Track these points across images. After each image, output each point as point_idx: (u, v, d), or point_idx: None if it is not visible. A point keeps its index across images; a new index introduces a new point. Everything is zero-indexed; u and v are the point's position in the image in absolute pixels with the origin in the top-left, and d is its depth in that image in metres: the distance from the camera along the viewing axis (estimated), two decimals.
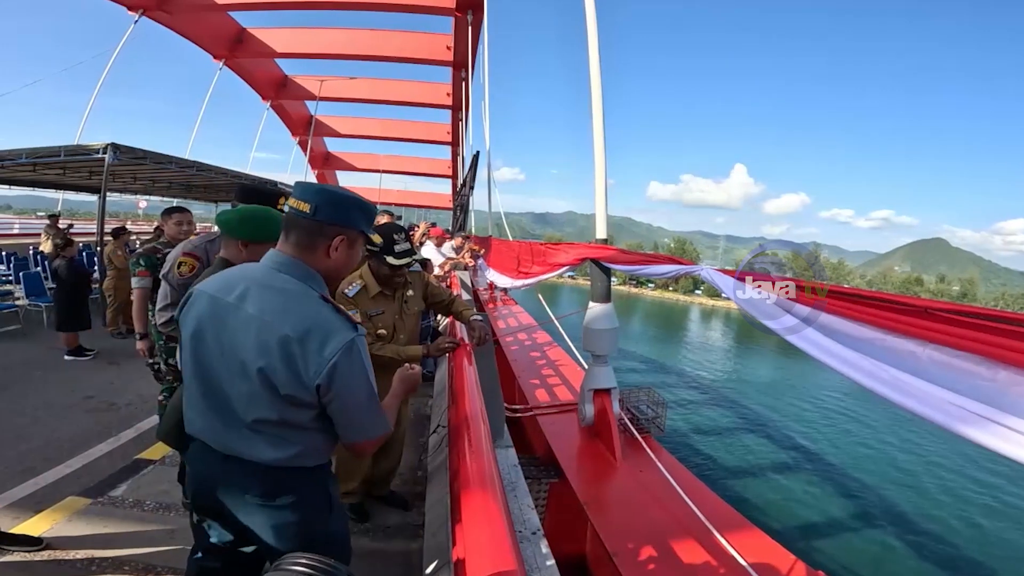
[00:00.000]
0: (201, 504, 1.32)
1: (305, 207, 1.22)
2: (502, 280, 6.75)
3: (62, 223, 11.29)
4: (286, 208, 1.28)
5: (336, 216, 1.24)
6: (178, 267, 2.34)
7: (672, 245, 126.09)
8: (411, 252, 2.49)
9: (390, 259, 2.40)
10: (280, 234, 1.81)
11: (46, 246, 9.67)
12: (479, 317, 2.75)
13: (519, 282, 5.88)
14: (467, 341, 2.72)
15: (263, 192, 2.44)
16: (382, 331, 2.48)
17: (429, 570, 2.18)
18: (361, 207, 1.29)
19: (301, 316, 1.16)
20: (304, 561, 0.84)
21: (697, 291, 79.15)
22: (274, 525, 1.24)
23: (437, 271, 5.78)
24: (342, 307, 1.23)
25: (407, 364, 1.60)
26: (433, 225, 7.35)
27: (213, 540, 1.33)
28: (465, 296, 5.59)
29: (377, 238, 2.09)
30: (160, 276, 2.40)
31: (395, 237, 2.43)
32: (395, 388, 1.52)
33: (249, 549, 1.33)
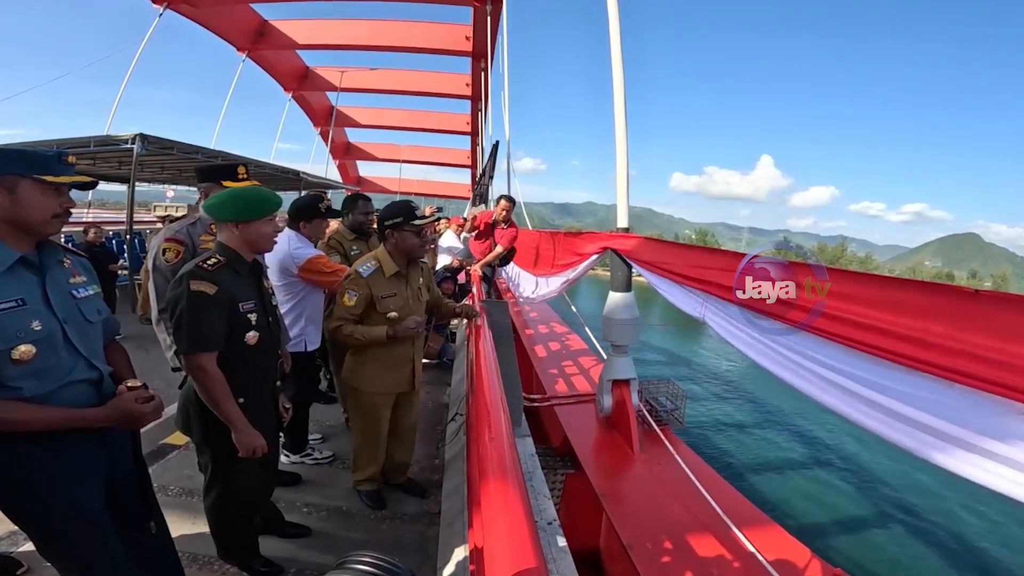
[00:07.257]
0: None
1: None
2: (524, 281, 6.47)
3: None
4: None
5: None
6: (163, 253, 2.32)
7: (694, 236, 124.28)
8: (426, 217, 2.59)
9: (416, 221, 2.50)
10: (272, 209, 1.88)
11: None
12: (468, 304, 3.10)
13: (542, 288, 5.56)
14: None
15: (220, 167, 2.45)
16: (392, 314, 2.47)
17: (444, 558, 2.20)
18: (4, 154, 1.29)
19: None
20: (368, 559, 0.86)
21: None
22: None
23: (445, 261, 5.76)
24: None
25: (131, 391, 1.39)
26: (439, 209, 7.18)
27: None
28: (484, 287, 5.57)
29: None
30: (149, 267, 2.37)
31: (412, 205, 2.58)
32: (93, 411, 1.35)
33: None
